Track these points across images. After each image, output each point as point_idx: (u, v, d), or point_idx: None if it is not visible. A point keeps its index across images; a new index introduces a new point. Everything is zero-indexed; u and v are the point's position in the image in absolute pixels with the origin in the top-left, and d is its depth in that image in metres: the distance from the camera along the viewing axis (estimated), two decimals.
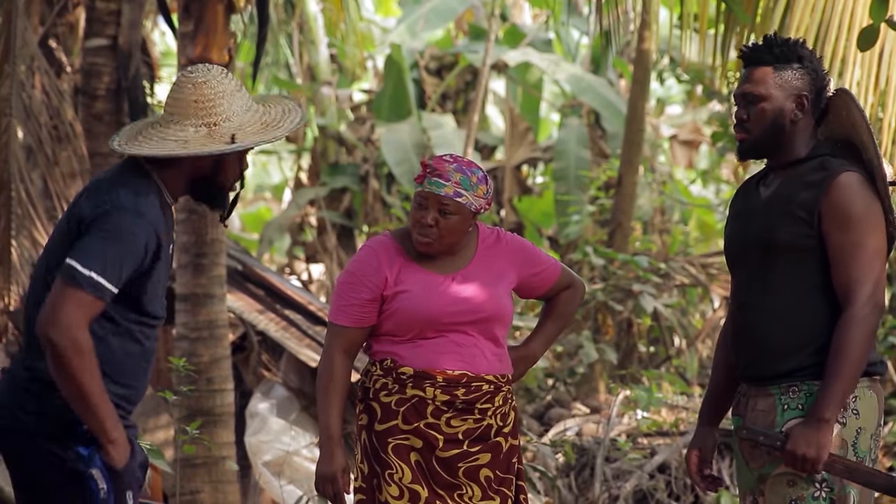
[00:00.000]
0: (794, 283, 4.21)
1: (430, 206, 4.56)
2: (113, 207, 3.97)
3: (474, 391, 4.57)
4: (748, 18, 6.70)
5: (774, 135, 4.27)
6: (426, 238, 4.57)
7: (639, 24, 11.86)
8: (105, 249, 3.92)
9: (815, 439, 4.08)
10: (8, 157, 7.94)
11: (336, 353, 4.61)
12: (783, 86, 4.25)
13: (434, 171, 4.57)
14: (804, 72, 4.26)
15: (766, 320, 4.23)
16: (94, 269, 3.89)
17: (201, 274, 7.99)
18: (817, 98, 4.28)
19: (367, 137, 15.46)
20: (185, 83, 4.11)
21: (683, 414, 9.82)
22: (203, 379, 7.92)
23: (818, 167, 4.22)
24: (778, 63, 4.27)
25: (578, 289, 4.86)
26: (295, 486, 8.42)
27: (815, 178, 4.19)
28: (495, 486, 4.62)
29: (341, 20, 14.61)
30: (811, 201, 4.17)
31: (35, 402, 4.00)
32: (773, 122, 4.26)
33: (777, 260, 4.22)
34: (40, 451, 4.01)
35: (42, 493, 4.05)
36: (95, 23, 9.36)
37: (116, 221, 3.95)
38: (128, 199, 3.99)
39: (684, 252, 13.42)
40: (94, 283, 3.89)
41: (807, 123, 4.27)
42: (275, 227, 15.39)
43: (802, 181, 4.22)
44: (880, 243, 4.18)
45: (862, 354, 4.10)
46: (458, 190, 4.55)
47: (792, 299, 4.21)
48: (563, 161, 14.11)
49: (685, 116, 17.99)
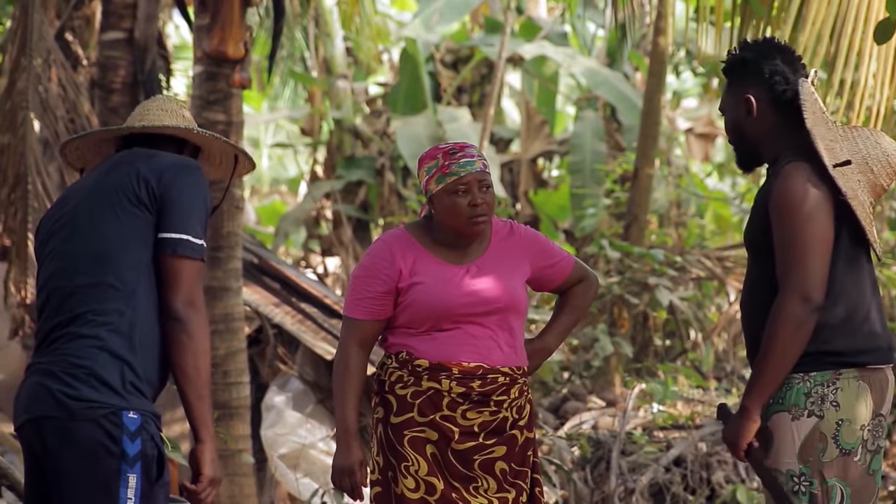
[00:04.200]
0: (758, 280, 4.25)
1: (472, 186, 4.57)
2: (185, 165, 4.09)
3: (490, 383, 4.57)
4: (764, 11, 6.68)
5: (740, 142, 4.37)
6: (482, 217, 4.57)
7: (654, 17, 11.85)
8: (196, 212, 4.01)
9: (736, 426, 4.19)
10: (24, 150, 7.95)
11: (351, 347, 4.61)
12: (733, 93, 4.34)
13: (455, 153, 4.58)
14: (748, 74, 4.30)
15: (744, 316, 4.33)
16: (201, 236, 3.99)
17: (217, 267, 8.00)
18: (776, 97, 4.29)
19: (383, 131, 15.46)
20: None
21: (699, 407, 9.82)
22: (219, 372, 7.93)
23: (778, 165, 4.27)
24: (729, 74, 4.37)
25: (592, 282, 4.86)
26: (311, 479, 8.44)
27: (771, 177, 4.26)
28: (511, 479, 4.62)
29: (356, 13, 14.61)
30: (764, 199, 4.23)
31: (84, 387, 3.92)
32: (734, 132, 4.37)
33: (751, 258, 4.31)
34: (81, 440, 3.96)
35: (69, 481, 4.01)
36: (111, 16, 9.38)
37: (195, 180, 4.06)
38: (187, 159, 4.14)
39: (700, 245, 13.42)
40: (203, 249, 4.01)
41: (767, 124, 4.31)
42: (290, 221, 15.40)
43: (768, 181, 4.28)
44: (819, 232, 4.12)
45: (785, 346, 4.10)
46: (483, 162, 4.61)
47: (757, 296, 4.25)
48: (579, 154, 14.10)
49: (701, 109, 17.98)
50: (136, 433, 3.94)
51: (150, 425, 3.99)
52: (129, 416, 3.93)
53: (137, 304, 3.98)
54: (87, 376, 3.89)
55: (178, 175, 4.05)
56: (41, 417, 3.96)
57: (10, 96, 8.07)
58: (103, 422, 3.91)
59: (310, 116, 16.81)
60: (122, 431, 3.92)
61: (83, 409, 3.91)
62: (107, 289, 3.97)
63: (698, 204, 15.64)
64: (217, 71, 7.90)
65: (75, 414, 3.92)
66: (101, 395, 3.92)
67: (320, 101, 16.41)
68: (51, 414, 3.94)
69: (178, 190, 4.03)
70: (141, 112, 4.29)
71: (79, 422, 3.92)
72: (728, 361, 12.32)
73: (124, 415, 3.93)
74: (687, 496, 8.53)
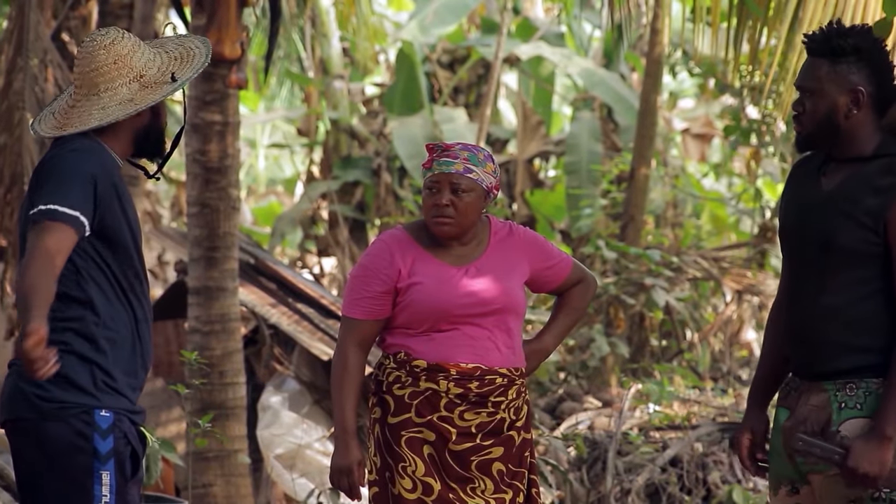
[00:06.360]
0: (854, 286, 4.08)
1: (442, 187, 4.56)
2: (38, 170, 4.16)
3: (488, 384, 4.57)
4: (761, 11, 6.69)
5: (827, 130, 4.11)
6: (444, 219, 4.55)
7: (651, 18, 11.85)
8: (51, 184, 4.07)
9: (877, 457, 3.97)
10: (21, 150, 7.96)
11: (350, 347, 4.61)
12: (837, 80, 4.09)
13: (441, 151, 4.59)
14: (862, 65, 4.09)
15: (823, 319, 4.10)
16: (56, 203, 4.05)
17: (213, 267, 8.00)
18: (880, 91, 4.11)
19: (380, 131, 15.45)
20: (95, 51, 4.19)
21: (695, 408, 9.81)
22: (215, 372, 7.93)
23: (886, 170, 4.08)
24: (833, 56, 4.10)
25: (590, 284, 4.85)
26: (307, 480, 8.43)
27: (884, 184, 4.05)
28: (508, 480, 4.63)
29: (353, 14, 14.61)
30: (878, 208, 4.04)
31: (55, 388, 4.01)
32: (826, 118, 4.10)
33: (836, 261, 4.09)
34: (53, 439, 4.01)
35: (44, 481, 4.05)
36: (108, 16, 9.39)
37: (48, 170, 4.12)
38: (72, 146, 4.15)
39: (696, 246, 13.43)
40: (53, 212, 4.07)
41: (866, 118, 4.11)
42: (287, 221, 15.39)
43: (870, 184, 4.07)
44: None
45: None
46: (468, 166, 4.56)
47: (852, 300, 4.07)
48: (576, 154, 14.09)
49: (697, 110, 17.98)
50: (108, 431, 4.02)
51: (124, 423, 4.07)
52: (101, 414, 4.03)
53: (96, 307, 4.06)
54: (57, 378, 3.95)
55: (40, 175, 4.11)
56: (16, 419, 4.07)
57: (6, 96, 8.08)
58: (74, 421, 4.01)
59: (306, 117, 16.81)
60: (93, 430, 4.02)
61: (54, 410, 4.01)
62: (65, 298, 4.05)
63: (695, 204, 15.65)
64: (213, 71, 7.89)
65: (47, 415, 4.02)
66: (72, 395, 4.02)
67: (317, 101, 16.40)
68: (24, 415, 4.05)
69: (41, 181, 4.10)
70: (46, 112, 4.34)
71: (50, 422, 4.02)
72: (724, 362, 12.33)
73: (96, 413, 4.03)
74: (683, 496, 8.53)
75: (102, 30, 4.26)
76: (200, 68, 4.27)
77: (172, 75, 4.21)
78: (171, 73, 4.22)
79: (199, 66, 4.27)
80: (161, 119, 4.28)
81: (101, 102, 4.17)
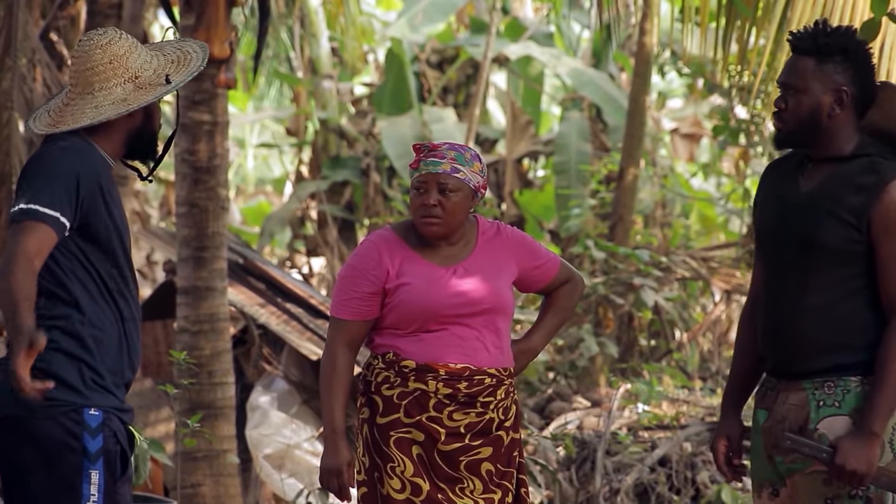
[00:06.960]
0: (834, 285, 4.08)
1: (430, 187, 4.56)
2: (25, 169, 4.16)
3: (476, 384, 4.57)
4: (749, 12, 6.70)
5: (810, 128, 4.11)
6: (431, 219, 4.55)
7: (640, 18, 11.86)
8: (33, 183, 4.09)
9: (864, 454, 3.98)
10: (9, 150, 7.94)
11: (338, 347, 4.61)
12: (822, 79, 4.10)
13: (428, 151, 4.59)
14: (847, 65, 4.10)
15: (804, 318, 4.10)
16: (33, 201, 4.08)
17: (202, 267, 7.99)
18: (862, 92, 4.12)
19: (369, 131, 15.45)
20: (91, 50, 4.21)
21: (684, 407, 9.83)
22: (204, 372, 7.92)
23: (868, 169, 4.08)
24: (820, 54, 4.11)
25: (578, 283, 4.85)
26: (296, 480, 8.43)
27: (866, 182, 4.06)
28: (496, 480, 4.63)
29: (342, 13, 14.61)
30: (860, 207, 4.04)
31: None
32: (809, 116, 4.10)
33: (817, 260, 4.09)
34: (42, 437, 4.00)
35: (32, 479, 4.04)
36: (97, 16, 9.38)
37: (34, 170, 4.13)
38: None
39: (685, 246, 13.43)
40: (32, 211, 4.09)
41: (848, 118, 4.11)
42: (276, 221, 15.39)
43: (851, 182, 4.08)
44: None
45: None
46: (455, 166, 4.56)
47: (832, 300, 4.08)
48: (564, 154, 14.10)
49: (686, 110, 17.99)
50: (97, 430, 4.01)
51: (113, 421, 4.06)
52: (90, 412, 4.02)
53: (82, 306, 4.07)
54: (46, 376, 3.94)
55: (27, 172, 4.13)
56: (4, 416, 4.05)
57: None
58: (63, 419, 4.00)
59: (295, 117, 16.80)
60: (83, 428, 4.01)
61: (43, 408, 3.99)
62: (51, 296, 4.06)
63: (683, 204, 15.66)
64: (202, 71, 7.88)
65: (35, 412, 4.00)
66: (61, 393, 4.01)
67: (306, 101, 16.40)
68: (12, 413, 4.03)
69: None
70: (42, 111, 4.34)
71: (39, 420, 4.02)
72: (713, 361, 12.34)
73: (85, 412, 4.02)
74: (672, 496, 8.54)
75: (100, 29, 4.27)
76: (195, 72, 4.30)
77: (167, 77, 4.23)
78: (165, 75, 4.24)
79: (195, 69, 4.30)
80: (154, 121, 4.29)
81: (95, 101, 4.17)
